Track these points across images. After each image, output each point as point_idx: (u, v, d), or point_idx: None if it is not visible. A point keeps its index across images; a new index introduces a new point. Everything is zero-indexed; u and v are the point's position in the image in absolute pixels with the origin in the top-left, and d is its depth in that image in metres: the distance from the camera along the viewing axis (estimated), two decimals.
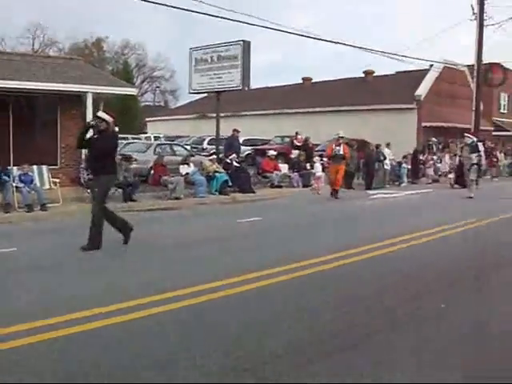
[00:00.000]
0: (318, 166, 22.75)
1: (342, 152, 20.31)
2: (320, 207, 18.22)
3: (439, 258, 9.61)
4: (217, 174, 19.77)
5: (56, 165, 19.48)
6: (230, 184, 20.02)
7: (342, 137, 20.72)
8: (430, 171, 29.46)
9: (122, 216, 10.95)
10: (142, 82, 74.62)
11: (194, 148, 30.07)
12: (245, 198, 19.57)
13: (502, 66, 39.88)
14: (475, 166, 21.16)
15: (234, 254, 9.79)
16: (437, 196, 22.03)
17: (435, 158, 30.85)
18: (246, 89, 25.11)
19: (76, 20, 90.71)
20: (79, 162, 19.24)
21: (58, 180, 17.06)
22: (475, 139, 22.11)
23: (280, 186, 22.49)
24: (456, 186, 25.00)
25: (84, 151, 20.32)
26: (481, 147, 21.79)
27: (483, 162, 22.44)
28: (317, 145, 29.02)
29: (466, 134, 22.91)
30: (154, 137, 38.78)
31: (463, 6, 33.93)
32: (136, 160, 19.89)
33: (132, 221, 10.79)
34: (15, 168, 16.06)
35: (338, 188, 20.17)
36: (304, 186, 23.05)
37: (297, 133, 26.60)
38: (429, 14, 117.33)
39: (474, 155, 21.15)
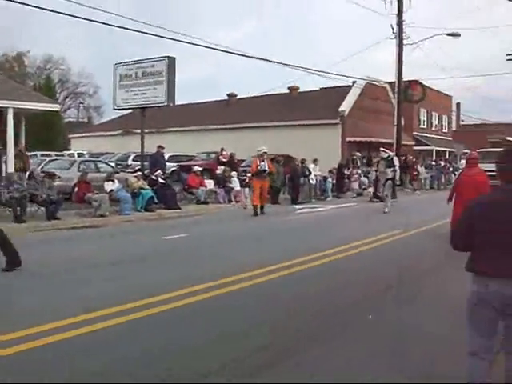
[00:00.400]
0: (235, 181, 22.85)
1: (266, 167, 20.28)
2: (245, 223, 18.26)
3: (359, 272, 9.77)
4: (142, 191, 19.57)
5: None
6: (156, 201, 19.85)
7: (266, 152, 20.65)
8: (355, 185, 29.92)
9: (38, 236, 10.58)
10: (66, 97, 73.36)
11: (119, 165, 29.73)
12: (171, 214, 19.44)
13: (421, 83, 41.07)
14: (390, 182, 21.20)
15: (153, 272, 9.69)
16: (358, 210, 22.25)
17: (359, 172, 31.36)
18: (171, 105, 24.97)
19: None
20: None
21: None
22: (391, 154, 22.26)
23: (206, 202, 22.42)
24: (374, 199, 25.32)
25: (4, 167, 19.89)
26: (396, 162, 21.74)
27: (397, 177, 22.26)
28: (242, 160, 29.12)
29: (381, 149, 22.91)
30: (78, 154, 38.13)
31: (385, 25, 34.89)
32: (59, 177, 19.49)
33: (54, 239, 10.55)
34: None
35: (263, 203, 20.15)
36: (230, 201, 23.07)
37: (222, 149, 26.64)
38: (352, 32, 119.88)
39: (389, 170, 21.13)
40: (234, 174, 23.55)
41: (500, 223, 4.18)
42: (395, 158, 22.10)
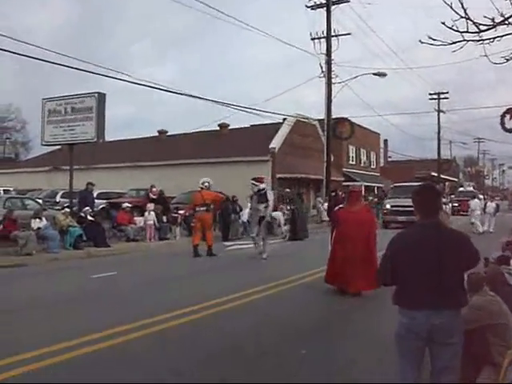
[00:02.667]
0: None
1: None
2: (173, 261, 18.09)
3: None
4: (70, 229, 19.24)
5: None
6: (85, 238, 19.53)
7: (209, 184, 19.94)
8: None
9: None
10: None
11: (47, 202, 29.18)
12: (100, 252, 19.11)
13: (349, 120, 42.03)
14: (264, 221, 18.05)
15: (77, 313, 9.50)
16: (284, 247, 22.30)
17: (289, 208, 31.45)
18: (101, 141, 24.77)
19: None
20: None
21: None
22: (265, 186, 18.64)
23: (136, 240, 22.17)
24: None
25: None
26: (270, 196, 18.35)
27: (269, 211, 18.22)
28: (172, 197, 28.99)
29: (252, 181, 18.39)
30: (4, 190, 37.20)
31: (315, 64, 35.63)
32: None
33: None
34: None
35: (210, 243, 19.08)
36: (160, 239, 22.87)
37: (152, 186, 26.42)
38: (284, 71, 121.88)
39: (261, 206, 17.90)
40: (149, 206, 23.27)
41: (418, 258, 4.33)
42: (270, 192, 18.94)
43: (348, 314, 9.75)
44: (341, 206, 12.42)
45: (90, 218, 20.92)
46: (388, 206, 33.96)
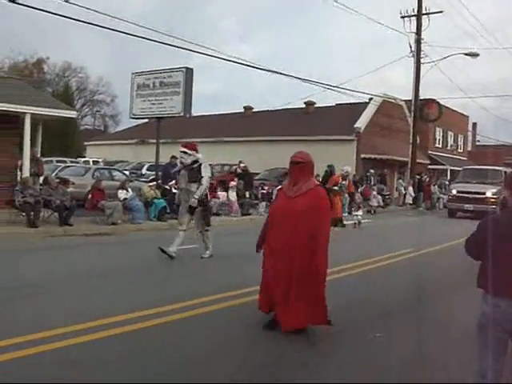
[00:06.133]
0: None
1: (346, 187, 22.00)
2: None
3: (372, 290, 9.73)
4: (155, 201, 19.62)
5: None
6: (168, 211, 19.86)
7: (348, 172, 22.29)
8: (374, 202, 29.43)
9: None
10: (83, 105, 73.81)
11: (133, 173, 29.83)
12: None
13: (438, 102, 41.10)
14: (199, 208, 12.31)
15: (159, 283, 9.72)
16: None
17: (374, 188, 31.11)
18: (188, 116, 25.04)
19: (17, 40, 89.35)
20: (14, 184, 18.83)
21: None
22: (199, 156, 12.42)
23: (219, 214, 22.41)
24: None
25: (19, 173, 20.01)
26: (205, 172, 12.29)
27: (199, 194, 12.03)
28: (256, 173, 29.14)
29: (182, 149, 12.42)
30: (93, 161, 38.32)
31: (402, 44, 34.99)
32: (73, 184, 19.59)
33: (66, 246, 10.58)
34: None
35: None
36: (243, 214, 23.05)
37: (240, 161, 26.61)
38: (370, 49, 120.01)
39: (194, 186, 12.15)
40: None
41: (508, 244, 4.17)
42: (205, 166, 12.44)
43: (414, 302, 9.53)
44: (279, 187, 7.39)
45: (174, 191, 21.25)
46: (454, 192, 29.65)
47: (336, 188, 21.60)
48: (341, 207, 21.42)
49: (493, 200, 25.69)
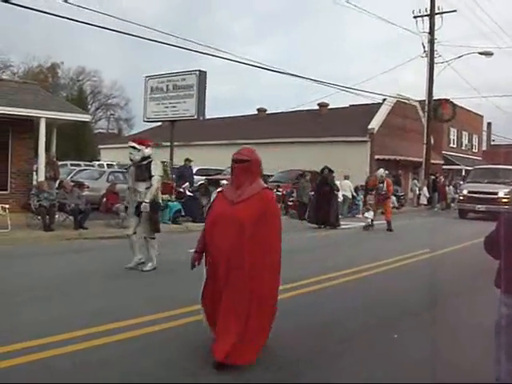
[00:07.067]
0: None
1: (385, 189, 21.25)
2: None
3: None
4: (170, 203, 19.67)
5: (6, 190, 19.16)
6: (183, 213, 19.91)
7: (382, 176, 21.56)
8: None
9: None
10: (97, 109, 74.26)
11: None
12: (198, 227, 19.29)
13: (452, 102, 40.94)
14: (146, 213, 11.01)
15: (181, 284, 9.72)
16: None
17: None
18: (201, 118, 25.12)
19: (31, 44, 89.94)
20: (30, 187, 18.98)
21: (7, 206, 16.76)
22: (148, 152, 11.31)
23: None
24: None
25: (35, 177, 20.16)
26: (155, 170, 11.15)
27: (149, 196, 10.89)
28: (269, 175, 29.12)
29: (131, 144, 11.37)
30: (107, 164, 38.49)
31: (415, 44, 34.93)
32: (88, 187, 19.70)
33: (81, 249, 10.64)
34: None
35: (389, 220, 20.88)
36: None
37: None
38: (382, 50, 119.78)
39: (142, 186, 11.04)
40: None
41: None
42: (155, 164, 11.35)
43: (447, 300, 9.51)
44: (219, 189, 6.25)
45: (188, 193, 21.32)
46: (465, 192, 29.05)
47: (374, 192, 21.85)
48: (390, 211, 21.43)
49: (505, 200, 25.51)
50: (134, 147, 11.19)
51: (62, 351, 5.83)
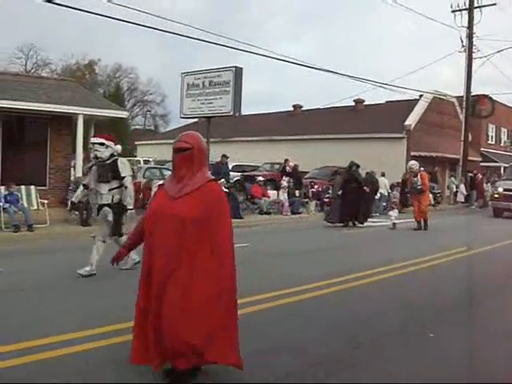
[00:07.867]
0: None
1: (420, 183, 20.19)
2: (308, 235, 18.24)
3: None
4: None
5: (45, 185, 19.42)
6: None
7: (412, 167, 20.77)
8: None
9: None
10: (134, 105, 74.74)
11: None
12: (233, 223, 19.43)
13: (490, 97, 40.39)
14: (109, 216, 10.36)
15: None
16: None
17: None
18: (237, 115, 25.09)
19: (69, 42, 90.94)
20: (68, 183, 19.22)
21: (46, 201, 17.03)
22: (118, 149, 10.45)
23: (269, 213, 22.47)
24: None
25: (73, 172, 20.40)
26: (124, 170, 10.26)
27: (131, 200, 10.55)
28: (305, 172, 29.09)
29: (94, 140, 10.39)
30: (144, 160, 38.79)
31: (452, 39, 34.61)
32: None
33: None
34: (2, 188, 16.03)
35: (419, 219, 20.01)
36: (293, 213, 23.03)
37: (286, 159, 26.64)
38: (419, 45, 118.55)
39: (104, 187, 10.15)
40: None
41: None
42: (122, 162, 10.36)
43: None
44: (159, 183, 5.91)
45: (224, 189, 21.35)
46: (500, 190, 27.96)
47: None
48: (425, 208, 20.33)
49: None
50: (101, 143, 10.07)
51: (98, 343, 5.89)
